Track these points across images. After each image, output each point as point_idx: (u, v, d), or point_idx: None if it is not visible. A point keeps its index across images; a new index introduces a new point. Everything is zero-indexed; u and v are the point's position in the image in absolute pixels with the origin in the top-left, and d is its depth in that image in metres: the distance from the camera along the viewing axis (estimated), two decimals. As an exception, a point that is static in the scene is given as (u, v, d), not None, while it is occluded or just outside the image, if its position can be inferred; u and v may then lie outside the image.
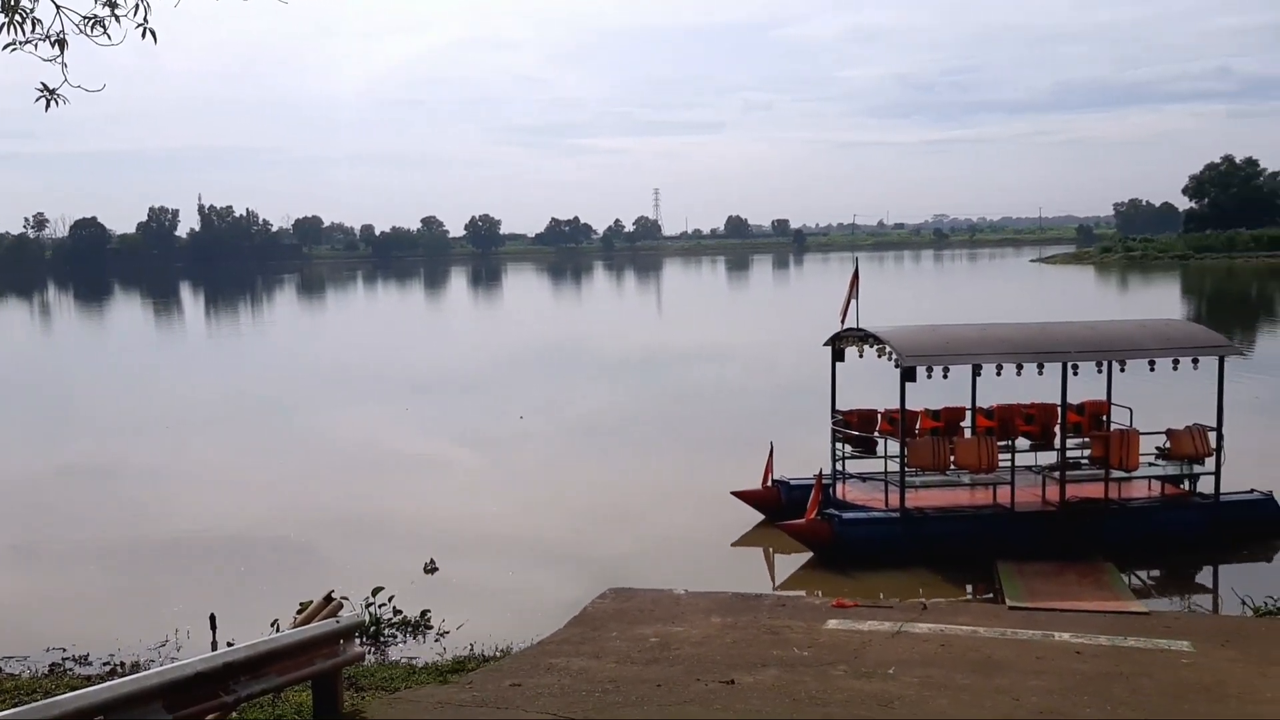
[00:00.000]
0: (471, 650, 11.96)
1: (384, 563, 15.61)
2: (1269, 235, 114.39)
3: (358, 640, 12.51)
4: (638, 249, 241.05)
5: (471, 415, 29.43)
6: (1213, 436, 16.27)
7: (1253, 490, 16.48)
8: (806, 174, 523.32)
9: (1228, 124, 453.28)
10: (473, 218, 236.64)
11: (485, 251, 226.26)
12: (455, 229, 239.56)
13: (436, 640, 12.84)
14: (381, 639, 12.90)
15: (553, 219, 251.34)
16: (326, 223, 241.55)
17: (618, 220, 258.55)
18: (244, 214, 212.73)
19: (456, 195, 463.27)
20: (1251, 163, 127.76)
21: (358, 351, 48.88)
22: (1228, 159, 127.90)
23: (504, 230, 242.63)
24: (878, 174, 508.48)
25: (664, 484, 20.69)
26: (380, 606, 13.21)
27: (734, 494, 17.74)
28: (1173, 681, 9.97)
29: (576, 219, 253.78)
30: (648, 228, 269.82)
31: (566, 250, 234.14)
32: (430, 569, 15.65)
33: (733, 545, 16.86)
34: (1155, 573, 15.45)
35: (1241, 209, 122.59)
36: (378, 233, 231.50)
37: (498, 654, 11.71)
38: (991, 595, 13.86)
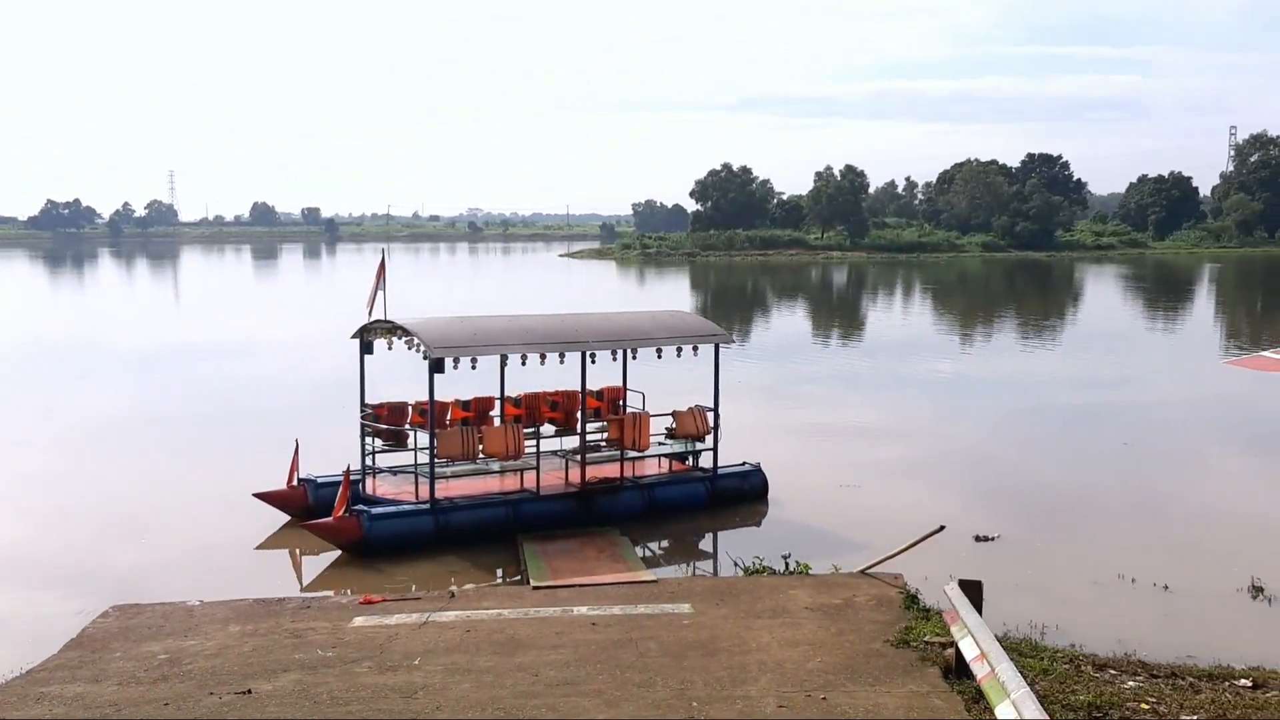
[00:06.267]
0: (-58, 691, 10.37)
1: None
2: (760, 235, 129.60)
3: None
4: (151, 235, 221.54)
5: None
6: (711, 416, 17.99)
7: (744, 463, 18.43)
8: (337, 161, 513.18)
9: (730, 133, 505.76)
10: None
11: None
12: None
13: (-102, 683, 10.99)
14: None
15: (49, 200, 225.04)
16: None
17: (127, 204, 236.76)
18: None
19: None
20: (746, 170, 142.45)
21: None
22: (726, 166, 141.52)
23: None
24: (411, 164, 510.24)
25: (179, 490, 19.20)
26: None
27: (256, 495, 16.87)
28: (674, 641, 10.89)
29: (77, 201, 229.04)
30: (162, 212, 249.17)
31: (66, 236, 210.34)
32: None
33: (256, 549, 16.03)
34: (664, 543, 16.74)
35: (739, 211, 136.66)
36: None
37: (-25, 691, 10.24)
38: (520, 577, 14.33)
